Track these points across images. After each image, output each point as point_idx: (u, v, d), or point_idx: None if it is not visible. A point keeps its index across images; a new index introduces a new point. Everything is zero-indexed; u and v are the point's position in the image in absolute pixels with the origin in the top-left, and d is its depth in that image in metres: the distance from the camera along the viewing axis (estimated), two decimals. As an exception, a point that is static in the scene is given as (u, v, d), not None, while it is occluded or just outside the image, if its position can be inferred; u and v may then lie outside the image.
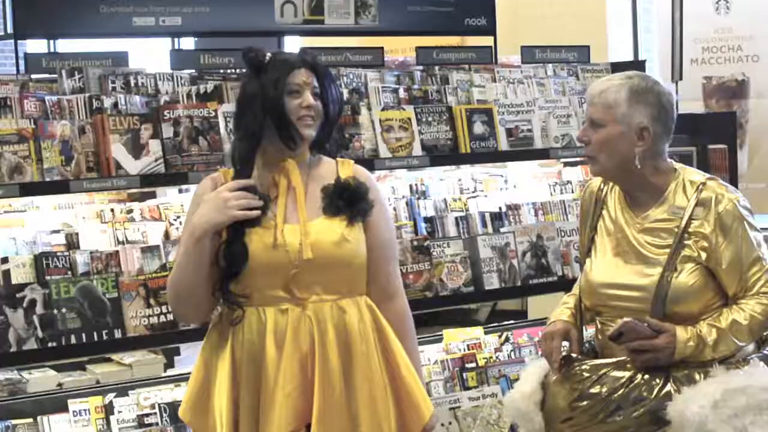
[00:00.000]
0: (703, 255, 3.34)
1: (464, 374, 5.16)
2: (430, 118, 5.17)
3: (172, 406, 4.44)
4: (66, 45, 6.05)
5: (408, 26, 5.85)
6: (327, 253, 3.22)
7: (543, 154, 5.42)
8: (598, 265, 3.51)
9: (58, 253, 4.37)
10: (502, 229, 5.31)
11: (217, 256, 3.22)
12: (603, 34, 8.28)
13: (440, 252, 5.08)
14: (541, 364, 3.59)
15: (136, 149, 4.39)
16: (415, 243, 5.03)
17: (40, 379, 4.96)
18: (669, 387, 3.30)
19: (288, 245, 3.20)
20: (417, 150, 5.08)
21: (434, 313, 6.68)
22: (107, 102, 4.50)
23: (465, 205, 5.49)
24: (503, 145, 5.28)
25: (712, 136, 4.59)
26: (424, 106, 5.19)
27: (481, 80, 5.57)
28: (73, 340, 4.22)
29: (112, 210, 4.75)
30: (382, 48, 5.56)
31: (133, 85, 4.72)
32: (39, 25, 5.06)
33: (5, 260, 4.26)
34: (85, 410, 4.46)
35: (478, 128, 5.26)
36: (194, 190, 3.45)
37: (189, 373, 3.43)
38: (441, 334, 5.44)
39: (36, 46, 5.76)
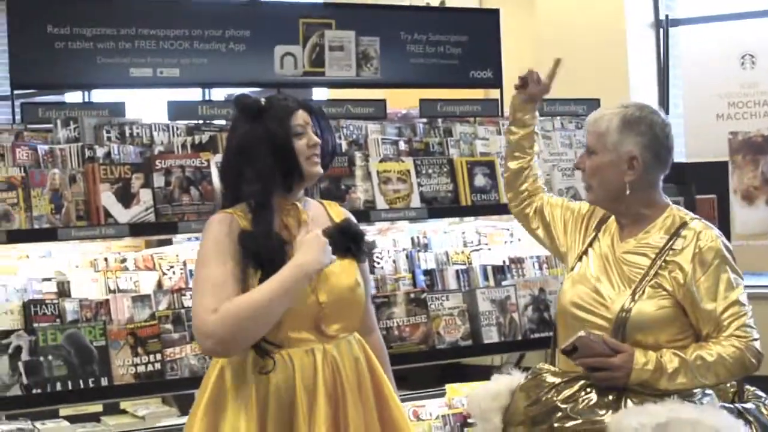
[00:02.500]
0: (676, 286, 3.34)
1: (465, 429, 5.18)
2: (430, 170, 5.25)
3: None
4: (75, 96, 6.24)
5: (411, 79, 5.92)
6: (347, 294, 3.36)
7: (546, 207, 5.44)
8: (576, 279, 3.55)
9: (47, 301, 4.47)
10: (503, 283, 5.35)
11: None
12: (625, 88, 8.32)
13: (438, 305, 5.13)
14: (514, 377, 3.64)
15: (127, 198, 4.50)
16: (412, 296, 5.09)
17: (53, 430, 5.00)
18: (621, 405, 3.29)
19: (315, 288, 3.28)
20: (416, 202, 5.15)
21: (455, 368, 6.71)
22: (100, 151, 4.62)
23: (468, 258, 5.55)
24: (505, 198, 5.31)
25: (702, 185, 4.61)
26: (425, 158, 5.27)
27: (485, 133, 5.64)
28: (58, 387, 4.31)
29: (106, 259, 4.85)
30: (384, 100, 5.66)
31: (128, 135, 4.83)
32: (36, 76, 5.18)
33: (-7, 307, 4.36)
34: (72, 459, 4.53)
35: (480, 181, 5.32)
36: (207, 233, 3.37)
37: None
38: (444, 389, 5.46)
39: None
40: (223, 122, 5.10)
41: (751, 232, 8.26)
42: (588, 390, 3.35)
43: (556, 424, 3.33)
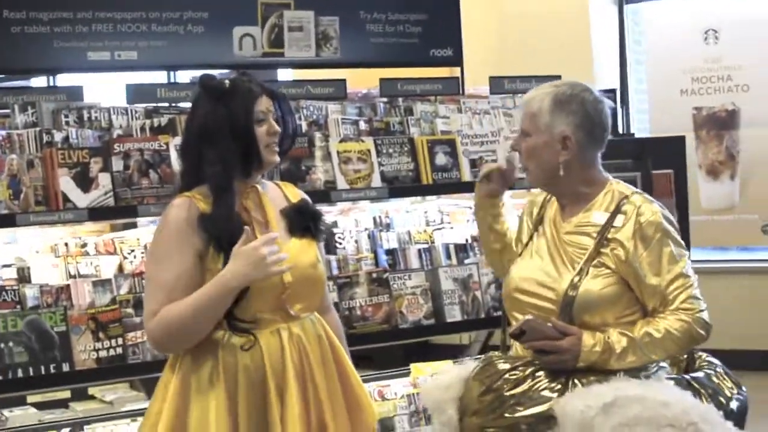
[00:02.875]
0: (618, 263, 3.35)
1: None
2: (391, 150, 5.27)
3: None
4: (41, 81, 6.21)
5: (371, 58, 5.92)
6: (308, 272, 3.42)
7: (507, 185, 5.47)
8: (522, 263, 3.57)
9: (7, 287, 4.47)
10: (466, 261, 5.38)
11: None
12: (588, 65, 8.36)
13: (401, 284, 5.17)
14: (465, 366, 3.65)
15: (85, 183, 4.50)
16: (374, 275, 5.12)
17: (21, 417, 5.00)
18: (569, 388, 3.30)
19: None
20: (377, 181, 5.16)
21: (423, 347, 6.75)
22: (58, 136, 4.61)
23: (430, 237, 5.57)
24: (467, 176, 5.35)
25: (660, 161, 4.62)
26: (385, 138, 5.28)
27: (446, 111, 5.66)
28: (19, 373, 4.31)
29: (66, 244, 4.84)
30: (344, 80, 5.66)
31: (86, 119, 4.83)
32: (-7, 60, 5.17)
33: (-48, 294, 4.37)
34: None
35: (441, 159, 5.34)
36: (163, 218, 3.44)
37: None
38: (409, 368, 5.49)
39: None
40: (182, 105, 5.10)
41: (716, 207, 8.35)
42: (537, 375, 3.36)
43: (506, 413, 3.34)
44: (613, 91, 6.41)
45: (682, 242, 3.44)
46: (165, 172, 4.63)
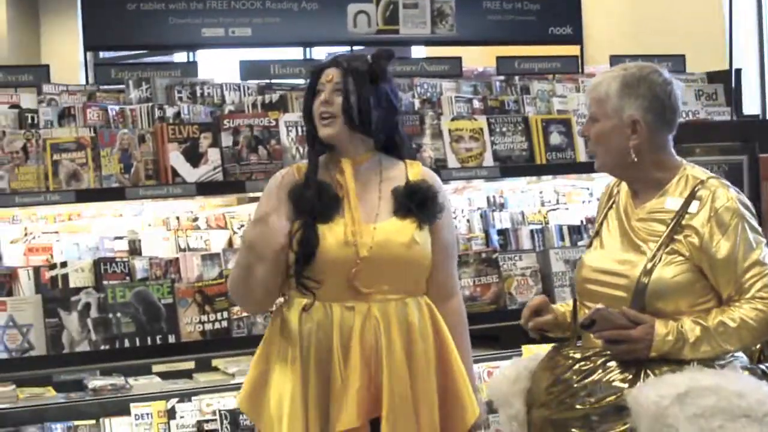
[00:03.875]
0: (693, 250, 3.28)
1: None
2: (504, 129, 5.25)
3: (233, 414, 4.61)
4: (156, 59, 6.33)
5: (487, 35, 5.90)
6: (396, 253, 3.36)
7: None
8: (593, 253, 3.51)
9: (117, 259, 4.61)
10: (579, 243, 5.34)
11: (291, 242, 3.34)
12: (721, 42, 8.17)
13: (511, 265, 5.15)
14: (533, 356, 3.61)
15: (195, 158, 4.60)
16: (484, 255, 5.11)
17: (145, 386, 5.16)
18: (641, 378, 3.23)
19: (357, 243, 3.33)
20: (488, 160, 5.15)
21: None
22: (170, 111, 4.73)
23: (544, 217, 5.54)
24: (582, 156, 5.30)
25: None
26: (499, 116, 5.26)
27: (563, 90, 5.62)
28: (126, 343, 4.44)
29: (178, 218, 4.96)
30: (460, 58, 5.66)
31: (199, 95, 4.93)
32: (109, 38, 5.30)
33: (64, 264, 4.52)
34: (147, 414, 4.66)
35: (555, 139, 5.30)
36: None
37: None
38: (521, 350, 5.47)
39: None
40: (295, 81, 5.16)
41: None
42: (608, 365, 3.30)
43: (577, 405, 3.29)
44: (739, 71, 6.24)
45: (759, 229, 3.33)
46: (274, 149, 4.70)
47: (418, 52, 7.72)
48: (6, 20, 12.38)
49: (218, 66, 5.88)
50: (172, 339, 4.52)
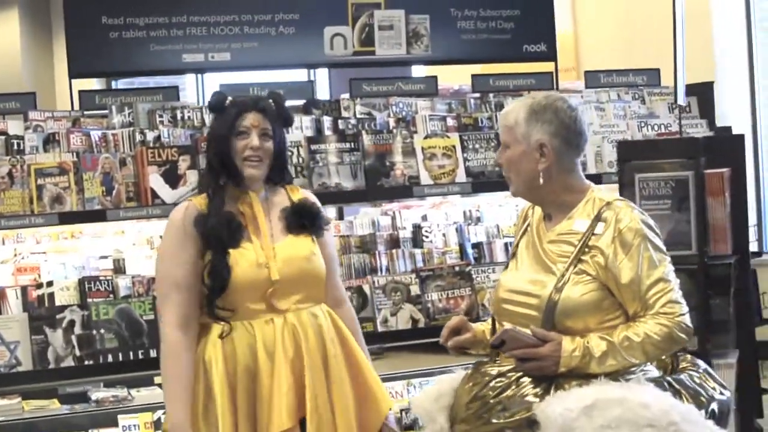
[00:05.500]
0: (599, 270, 3.46)
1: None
2: (477, 145, 5.50)
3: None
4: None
5: (462, 54, 6.12)
6: (300, 266, 3.71)
7: (596, 179, 5.61)
8: (509, 274, 3.71)
9: (101, 277, 4.88)
10: (552, 255, 5.55)
11: (202, 276, 3.66)
12: (710, 54, 8.36)
13: (484, 278, 5.39)
14: (456, 374, 3.74)
15: (173, 179, 4.87)
16: (457, 269, 5.36)
17: (147, 397, 5.38)
18: (551, 393, 3.40)
19: (267, 265, 3.66)
20: (461, 176, 5.40)
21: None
22: (150, 135, 5.00)
23: (520, 231, 5.76)
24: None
25: (717, 159, 4.68)
26: (472, 134, 5.51)
27: (538, 107, 5.82)
28: (110, 358, 4.72)
29: (161, 236, 5.21)
30: (435, 77, 5.90)
31: (179, 118, 5.20)
32: (93, 65, 5.56)
33: (50, 284, 4.81)
34: (135, 426, 4.92)
35: (527, 154, 5.51)
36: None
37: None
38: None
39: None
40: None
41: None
42: (522, 381, 3.45)
43: (493, 419, 3.45)
44: (710, 84, 6.46)
45: (663, 248, 3.53)
46: (250, 169, 4.94)
47: (418, 71, 7.92)
48: (20, 44, 12.64)
49: (196, 91, 6.11)
50: (153, 353, 4.78)
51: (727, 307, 5.12)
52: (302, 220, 3.76)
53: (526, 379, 3.46)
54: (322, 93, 6.40)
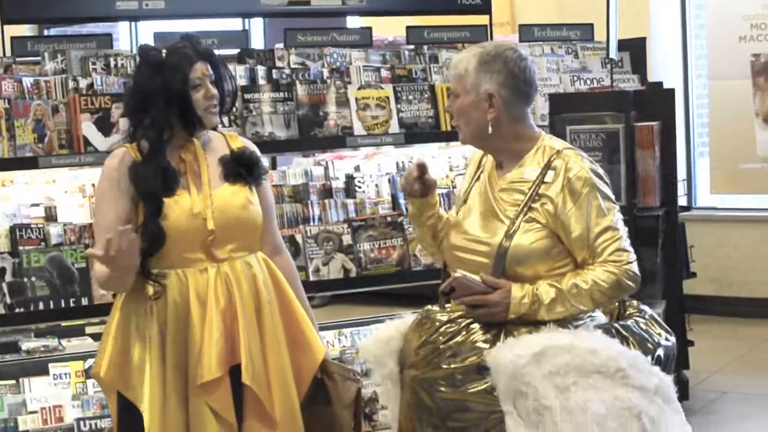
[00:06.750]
0: (549, 218, 3.53)
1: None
2: (410, 97, 5.56)
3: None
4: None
5: (397, 6, 6.14)
6: (236, 215, 3.74)
7: (528, 131, 5.71)
8: (459, 222, 3.74)
9: (32, 225, 4.89)
10: (483, 206, 5.63)
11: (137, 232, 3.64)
12: (645, 8, 8.48)
13: (416, 228, 5.45)
14: (405, 319, 3.81)
15: (106, 127, 4.88)
16: (389, 219, 5.43)
17: (77, 346, 5.41)
18: (501, 339, 3.46)
19: (205, 214, 3.69)
20: (394, 128, 5.46)
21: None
22: (83, 83, 5.00)
23: (452, 182, 5.85)
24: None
25: (647, 113, 4.78)
26: (405, 85, 5.56)
27: (472, 59, 5.89)
28: (41, 306, 4.74)
29: (93, 184, 5.23)
30: (370, 28, 5.94)
31: (113, 66, 5.20)
32: (26, 11, 5.50)
33: (-20, 232, 4.81)
34: (66, 374, 4.97)
35: (460, 106, 5.58)
36: None
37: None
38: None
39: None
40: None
41: (772, 155, 8.43)
42: (472, 327, 3.52)
43: (443, 365, 3.50)
44: (643, 39, 6.56)
45: (612, 196, 3.59)
46: (184, 118, 4.96)
47: (354, 22, 7.92)
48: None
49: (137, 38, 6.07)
50: (85, 302, 4.81)
51: (655, 258, 5.25)
52: (240, 169, 3.78)
53: (476, 326, 3.53)
54: (257, 43, 6.40)
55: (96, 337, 5.61)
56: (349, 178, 5.63)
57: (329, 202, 5.49)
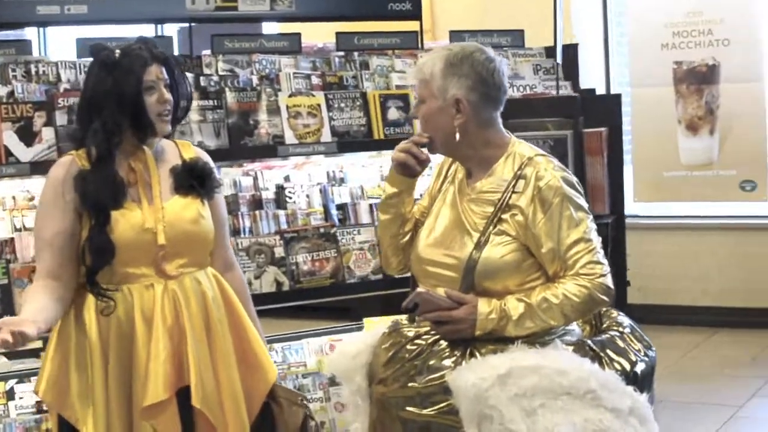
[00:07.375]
0: (519, 229, 3.39)
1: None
2: (342, 104, 5.42)
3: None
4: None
5: (327, 12, 6.01)
6: (186, 229, 3.56)
7: (462, 139, 5.61)
8: (426, 233, 3.60)
9: (-49, 240, 4.66)
10: (417, 216, 5.53)
11: (82, 251, 3.48)
12: (568, 16, 8.46)
13: (349, 239, 5.33)
14: (374, 332, 3.70)
15: (29, 137, 4.67)
16: (322, 230, 5.28)
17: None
18: (466, 358, 3.33)
19: (156, 228, 3.50)
20: (327, 136, 5.32)
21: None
22: (3, 90, 4.79)
23: (383, 191, 5.70)
24: (419, 130, 5.46)
25: (595, 119, 4.71)
26: (337, 92, 5.43)
27: (402, 66, 5.81)
28: (-40, 324, 4.49)
29: (14, 197, 5.02)
30: (299, 34, 5.80)
31: (34, 73, 4.99)
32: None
33: None
34: (-13, 396, 4.74)
35: (393, 114, 5.50)
36: None
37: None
38: (362, 324, 5.65)
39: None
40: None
41: (696, 162, 8.43)
42: (438, 344, 3.40)
43: (409, 383, 3.38)
44: (575, 45, 6.51)
45: (585, 206, 3.45)
46: (110, 127, 4.77)
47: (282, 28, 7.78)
48: None
49: (55, 44, 5.87)
50: (7, 319, 4.59)
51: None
52: (192, 180, 3.60)
53: (443, 343, 3.40)
54: (183, 49, 6.22)
55: (10, 356, 5.40)
56: (280, 189, 5.48)
57: (260, 213, 5.33)
